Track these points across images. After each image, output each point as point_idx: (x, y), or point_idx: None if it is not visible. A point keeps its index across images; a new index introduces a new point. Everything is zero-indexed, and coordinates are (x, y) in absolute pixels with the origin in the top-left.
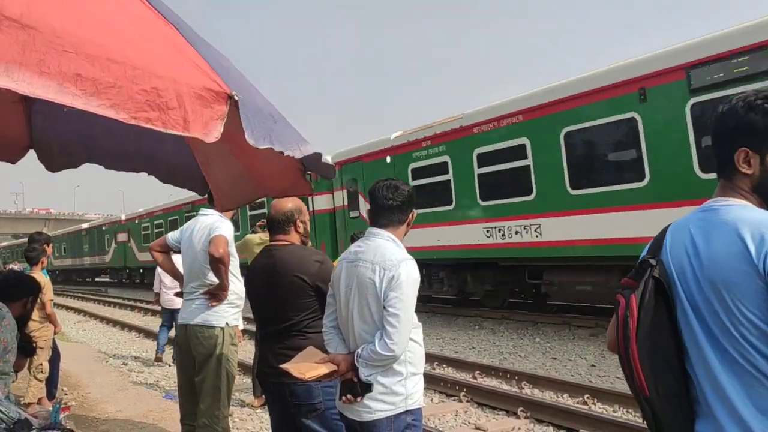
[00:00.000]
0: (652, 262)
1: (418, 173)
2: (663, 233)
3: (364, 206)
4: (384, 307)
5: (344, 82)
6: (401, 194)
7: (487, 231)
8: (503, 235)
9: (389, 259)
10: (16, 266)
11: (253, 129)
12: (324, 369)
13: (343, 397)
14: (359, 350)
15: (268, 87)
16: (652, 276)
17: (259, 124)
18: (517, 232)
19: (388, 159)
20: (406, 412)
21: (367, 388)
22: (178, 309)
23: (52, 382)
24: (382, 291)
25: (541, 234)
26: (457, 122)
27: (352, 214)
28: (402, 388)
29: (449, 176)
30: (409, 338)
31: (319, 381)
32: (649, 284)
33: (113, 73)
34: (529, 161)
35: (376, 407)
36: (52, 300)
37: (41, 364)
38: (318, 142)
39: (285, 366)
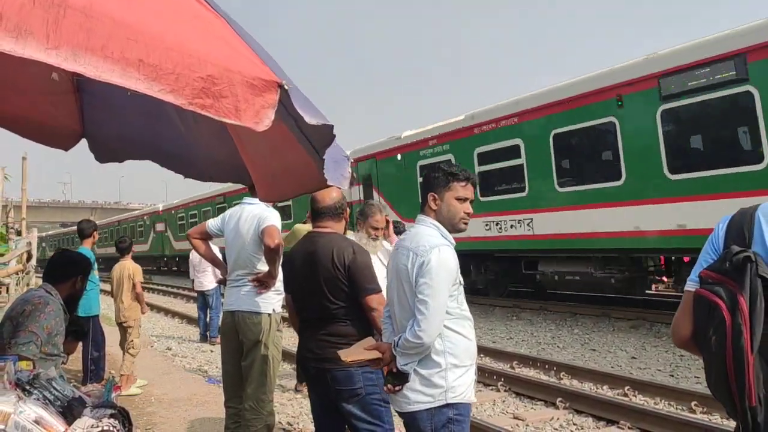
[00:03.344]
0: (752, 256)
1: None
2: (748, 219)
3: (377, 201)
4: (415, 294)
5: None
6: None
7: (486, 225)
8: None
9: (422, 245)
10: None
11: (309, 111)
12: (367, 355)
13: (385, 387)
14: (396, 339)
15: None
16: (759, 275)
17: (311, 107)
18: (512, 226)
19: (399, 157)
20: (448, 406)
21: (403, 377)
22: (207, 290)
23: (98, 365)
24: (413, 277)
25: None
26: (460, 123)
27: None
28: (441, 380)
29: None
30: (440, 326)
31: (362, 366)
32: (757, 285)
33: (172, 60)
34: (522, 160)
35: (414, 398)
36: (141, 282)
37: (132, 341)
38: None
39: (339, 352)
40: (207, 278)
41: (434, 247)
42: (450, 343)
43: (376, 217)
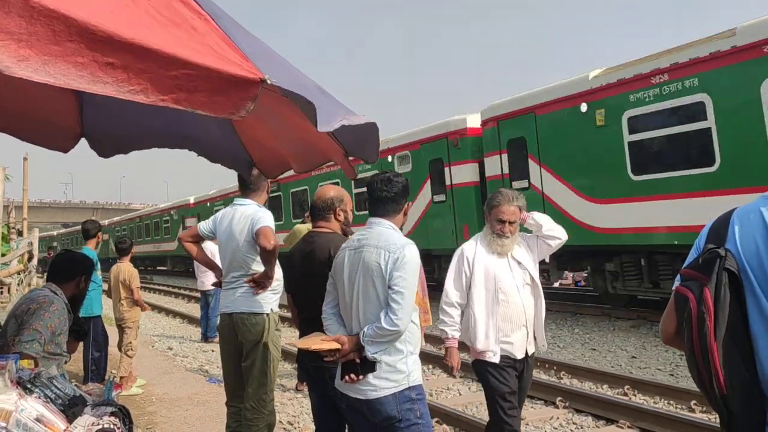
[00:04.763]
0: (722, 252)
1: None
2: (725, 220)
3: (536, 174)
4: (389, 287)
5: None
6: (395, 186)
7: None
8: None
9: (393, 243)
10: None
11: (320, 110)
12: (326, 345)
13: (346, 377)
14: (365, 329)
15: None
16: (725, 268)
17: (321, 105)
18: None
19: (584, 107)
20: (409, 388)
21: (371, 366)
22: (209, 291)
23: (100, 365)
24: (387, 272)
25: None
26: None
27: (518, 184)
28: (404, 366)
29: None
30: (411, 315)
31: (323, 356)
32: (722, 277)
33: (145, 60)
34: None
35: (381, 385)
36: (139, 287)
37: (130, 343)
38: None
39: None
40: (208, 278)
41: (405, 244)
42: (409, 332)
43: (502, 207)
